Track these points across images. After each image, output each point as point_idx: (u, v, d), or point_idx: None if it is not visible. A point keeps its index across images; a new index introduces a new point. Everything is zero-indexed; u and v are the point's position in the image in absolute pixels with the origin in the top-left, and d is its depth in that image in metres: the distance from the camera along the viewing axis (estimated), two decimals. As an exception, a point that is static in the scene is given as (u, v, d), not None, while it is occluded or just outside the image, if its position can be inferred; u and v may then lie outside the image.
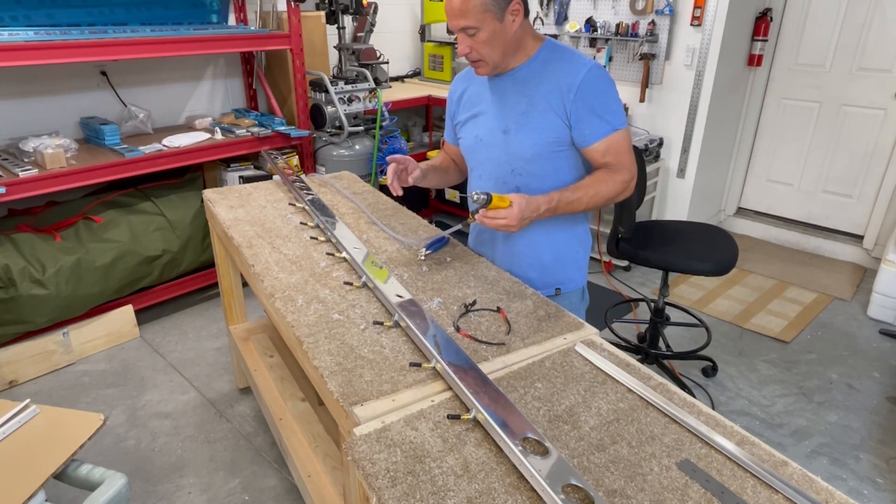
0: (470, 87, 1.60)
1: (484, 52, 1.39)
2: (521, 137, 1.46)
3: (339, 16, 3.38)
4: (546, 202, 1.38)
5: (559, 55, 1.45)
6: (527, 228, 1.46)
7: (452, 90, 1.66)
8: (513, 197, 1.35)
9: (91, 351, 2.79)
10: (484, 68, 1.44)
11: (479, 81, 1.57)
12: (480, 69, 1.45)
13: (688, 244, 2.45)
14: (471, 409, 1.05)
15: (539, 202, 1.37)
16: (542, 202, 1.38)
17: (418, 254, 1.67)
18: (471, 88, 1.59)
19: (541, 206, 1.37)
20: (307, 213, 1.95)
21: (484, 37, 1.36)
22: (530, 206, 1.35)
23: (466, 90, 1.61)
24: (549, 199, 1.39)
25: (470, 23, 1.34)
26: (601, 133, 1.41)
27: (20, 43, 2.31)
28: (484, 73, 1.46)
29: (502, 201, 1.33)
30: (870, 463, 2.21)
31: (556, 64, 1.44)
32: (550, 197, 1.39)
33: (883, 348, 2.92)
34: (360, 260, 1.55)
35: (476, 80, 1.58)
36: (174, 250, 2.95)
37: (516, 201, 1.34)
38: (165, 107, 3.34)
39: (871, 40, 3.52)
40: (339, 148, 3.43)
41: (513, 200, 1.34)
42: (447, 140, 1.76)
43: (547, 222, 1.50)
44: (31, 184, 2.44)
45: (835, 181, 3.87)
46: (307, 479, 1.68)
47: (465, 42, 1.38)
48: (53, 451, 1.40)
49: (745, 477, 0.94)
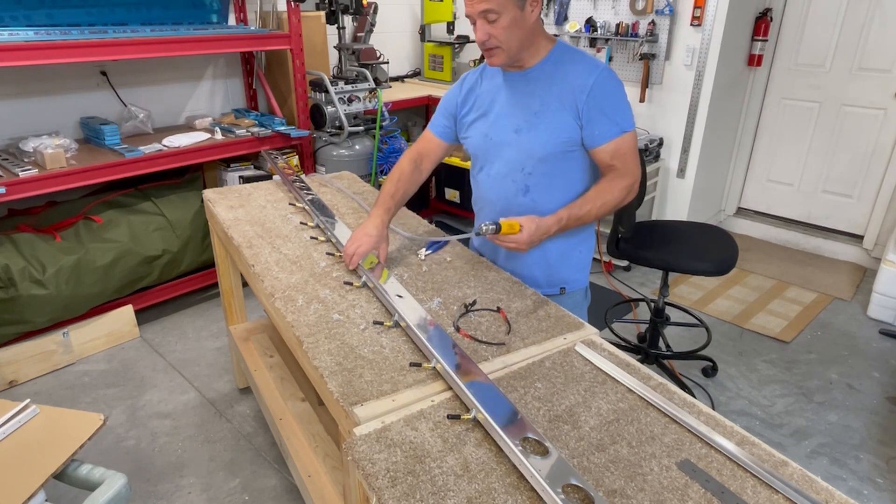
0: (479, 85, 1.58)
1: (502, 40, 1.36)
2: (533, 137, 1.46)
3: (339, 16, 3.38)
4: (556, 223, 1.39)
5: (571, 56, 1.46)
6: None
7: (459, 87, 1.62)
8: (523, 221, 1.35)
9: (91, 351, 2.79)
10: (500, 57, 1.40)
11: (489, 81, 1.56)
12: (496, 58, 1.41)
13: (688, 244, 2.44)
14: (471, 409, 1.05)
15: (549, 224, 1.38)
16: (552, 224, 1.38)
17: (418, 254, 1.67)
18: (480, 87, 1.58)
19: (551, 229, 1.38)
20: (307, 213, 1.95)
21: (504, 23, 1.34)
22: (540, 231, 1.36)
23: (475, 88, 1.59)
24: (558, 218, 1.39)
25: (491, 6, 1.32)
26: (610, 134, 1.41)
27: (20, 43, 2.30)
28: (499, 62, 1.42)
29: (512, 228, 1.34)
30: (870, 463, 2.21)
31: (569, 65, 1.44)
32: (559, 216, 1.39)
33: (883, 348, 2.92)
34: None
35: (486, 80, 1.57)
36: (174, 250, 2.95)
37: (526, 226, 1.34)
38: (165, 107, 3.33)
39: (871, 40, 3.52)
40: (339, 148, 3.43)
41: (523, 225, 1.34)
42: (432, 131, 1.67)
43: None
44: (31, 184, 2.44)
45: (835, 181, 3.87)
46: (307, 479, 1.68)
47: (483, 28, 1.35)
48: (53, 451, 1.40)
49: (745, 477, 0.94)
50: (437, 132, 1.67)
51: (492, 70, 1.57)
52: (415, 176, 1.67)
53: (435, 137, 1.68)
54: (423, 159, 1.69)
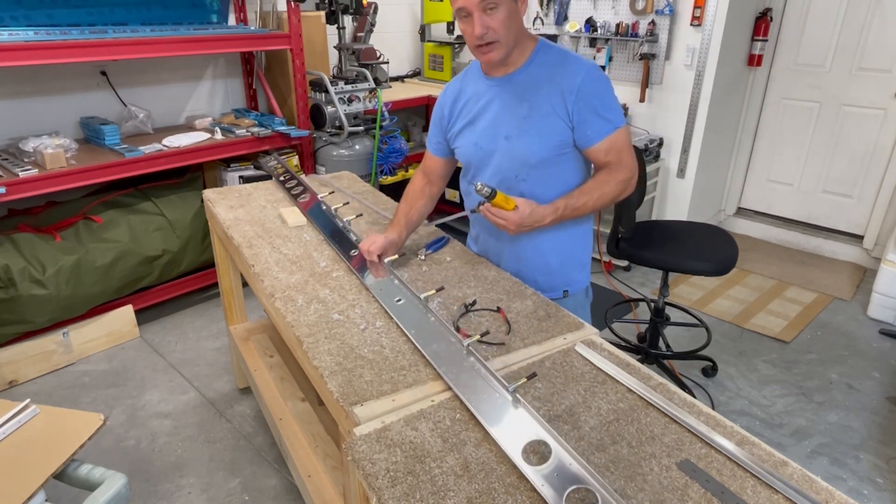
0: (463, 93, 1.56)
1: (501, 33, 1.35)
2: (523, 143, 1.45)
3: (339, 16, 3.38)
4: (552, 212, 1.39)
5: (554, 57, 1.45)
6: (532, 233, 1.47)
7: (443, 100, 1.61)
8: (519, 202, 1.35)
9: (91, 351, 2.79)
10: (498, 51, 1.38)
11: (472, 86, 1.54)
12: (494, 52, 1.38)
13: (688, 244, 2.44)
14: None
15: (544, 213, 1.38)
16: (548, 213, 1.39)
17: (418, 254, 1.67)
18: (464, 95, 1.56)
19: (546, 218, 1.39)
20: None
21: (502, 15, 1.33)
22: (533, 216, 1.37)
23: (459, 97, 1.57)
24: (554, 208, 1.40)
25: None
26: (603, 132, 1.41)
27: (20, 43, 2.30)
28: (496, 57, 1.40)
29: (507, 202, 1.35)
30: (870, 463, 2.21)
31: (554, 67, 1.43)
32: (556, 206, 1.40)
33: (883, 348, 2.92)
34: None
35: (470, 86, 1.55)
36: (174, 250, 2.95)
37: (521, 207, 1.35)
38: (165, 107, 3.33)
39: (871, 40, 3.51)
40: (339, 148, 3.43)
41: (518, 205, 1.35)
42: (431, 151, 1.68)
43: (556, 226, 1.49)
44: (31, 184, 2.44)
45: (835, 181, 3.86)
46: (307, 479, 1.68)
47: (482, 21, 1.33)
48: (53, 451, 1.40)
49: (745, 477, 0.94)
50: (433, 150, 1.69)
51: (473, 75, 1.55)
52: (426, 192, 1.70)
53: (433, 156, 1.69)
54: (431, 176, 1.71)
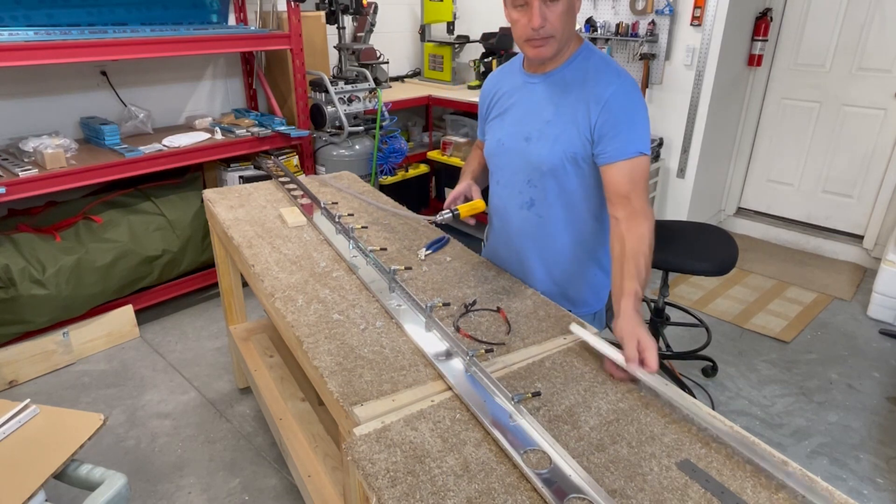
0: (501, 85, 1.55)
1: (558, 27, 1.30)
2: (539, 148, 1.41)
3: (339, 16, 3.38)
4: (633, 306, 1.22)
5: (593, 63, 1.39)
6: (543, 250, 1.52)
7: (486, 89, 1.61)
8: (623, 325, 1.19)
9: (91, 351, 2.79)
10: (551, 46, 1.33)
11: (509, 80, 1.53)
12: (547, 48, 1.33)
13: (688, 244, 2.44)
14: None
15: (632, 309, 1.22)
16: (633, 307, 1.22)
17: (418, 254, 1.67)
18: (502, 87, 1.55)
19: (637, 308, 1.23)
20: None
21: (562, 8, 1.28)
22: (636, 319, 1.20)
23: (498, 89, 1.56)
24: (634, 304, 1.22)
25: None
26: (625, 153, 1.31)
27: (20, 43, 2.30)
28: (548, 52, 1.34)
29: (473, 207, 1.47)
30: (870, 463, 2.21)
31: (589, 73, 1.37)
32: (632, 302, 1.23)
33: (883, 348, 2.92)
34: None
35: (507, 78, 1.54)
36: (174, 250, 2.95)
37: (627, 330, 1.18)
38: (165, 107, 3.33)
39: (871, 40, 3.51)
40: (339, 148, 3.43)
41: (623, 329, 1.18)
42: (479, 136, 1.70)
43: (564, 243, 1.50)
44: (31, 184, 2.44)
45: (835, 181, 3.86)
46: (307, 479, 1.68)
47: (541, 12, 1.27)
48: (53, 451, 1.40)
49: (744, 477, 0.94)
50: (480, 136, 1.69)
51: (514, 67, 1.53)
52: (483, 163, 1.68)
53: (482, 142, 1.68)
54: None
